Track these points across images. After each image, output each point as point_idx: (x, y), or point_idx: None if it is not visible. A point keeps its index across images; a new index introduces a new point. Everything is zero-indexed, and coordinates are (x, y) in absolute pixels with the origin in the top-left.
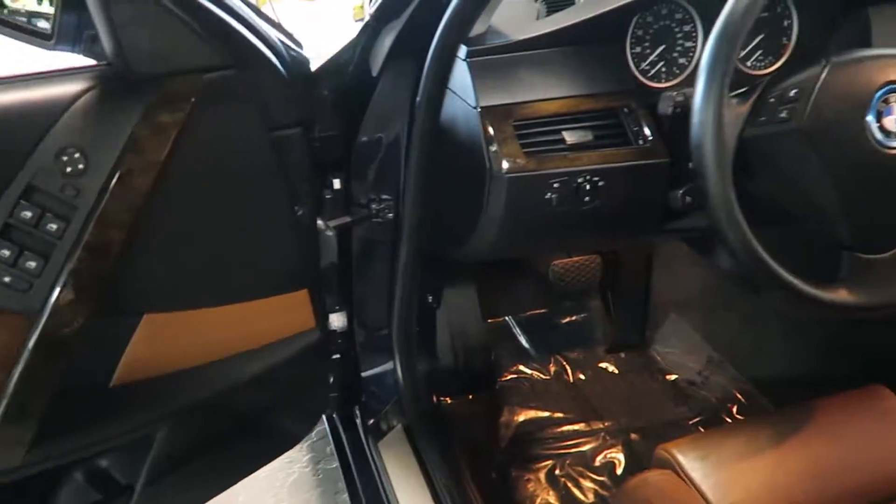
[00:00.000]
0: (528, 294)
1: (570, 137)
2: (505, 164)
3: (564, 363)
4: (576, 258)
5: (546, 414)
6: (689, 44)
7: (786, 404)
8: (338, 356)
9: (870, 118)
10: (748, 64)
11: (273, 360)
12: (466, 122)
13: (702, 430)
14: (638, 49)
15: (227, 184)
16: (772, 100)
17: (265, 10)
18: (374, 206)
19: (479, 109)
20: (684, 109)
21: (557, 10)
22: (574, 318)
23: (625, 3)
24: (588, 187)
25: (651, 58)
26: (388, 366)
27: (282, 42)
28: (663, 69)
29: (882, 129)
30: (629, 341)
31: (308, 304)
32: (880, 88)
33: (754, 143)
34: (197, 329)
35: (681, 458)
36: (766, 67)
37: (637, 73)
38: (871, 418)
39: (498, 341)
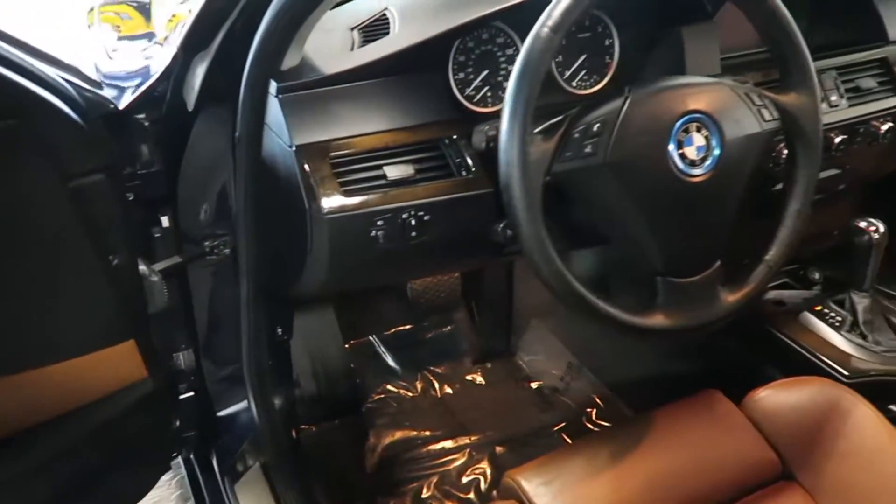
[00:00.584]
0: (391, 312)
1: (391, 172)
2: (324, 205)
3: (432, 378)
4: None
5: (414, 433)
6: (512, 67)
7: (641, 408)
8: (189, 395)
9: (671, 148)
10: (573, 84)
11: (105, 415)
12: (284, 161)
13: (565, 436)
14: (461, 75)
15: (27, 240)
16: (576, 135)
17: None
18: (207, 243)
19: (294, 148)
20: (497, 143)
21: (373, 40)
22: (439, 331)
23: (442, 31)
24: (414, 222)
25: (475, 83)
26: (244, 403)
27: (75, 85)
28: (489, 94)
29: (683, 157)
30: (495, 350)
31: (136, 354)
32: (679, 118)
33: (564, 177)
34: (21, 392)
35: (525, 485)
36: (591, 87)
37: (462, 100)
38: (707, 425)
39: (363, 362)
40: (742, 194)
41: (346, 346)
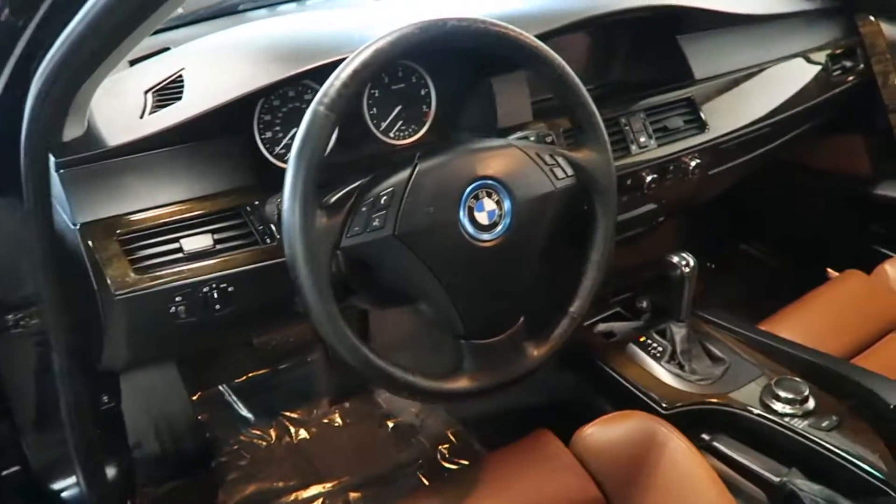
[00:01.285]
0: (242, 358)
1: (188, 245)
2: (113, 285)
3: (287, 423)
4: None
5: (267, 486)
6: None
7: (490, 444)
8: (13, 470)
9: (461, 215)
10: (392, 135)
11: None
12: (71, 239)
13: (421, 476)
14: (268, 134)
15: None
16: (364, 208)
17: None
18: (11, 316)
19: (77, 226)
20: None
21: (169, 104)
22: (295, 373)
23: (242, 94)
24: (216, 295)
25: (284, 141)
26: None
27: None
28: None
29: (475, 223)
30: (352, 389)
31: None
32: (469, 185)
33: (355, 250)
34: None
35: None
36: (410, 136)
37: (273, 159)
38: (538, 466)
39: (213, 414)
40: (539, 253)
41: (194, 397)
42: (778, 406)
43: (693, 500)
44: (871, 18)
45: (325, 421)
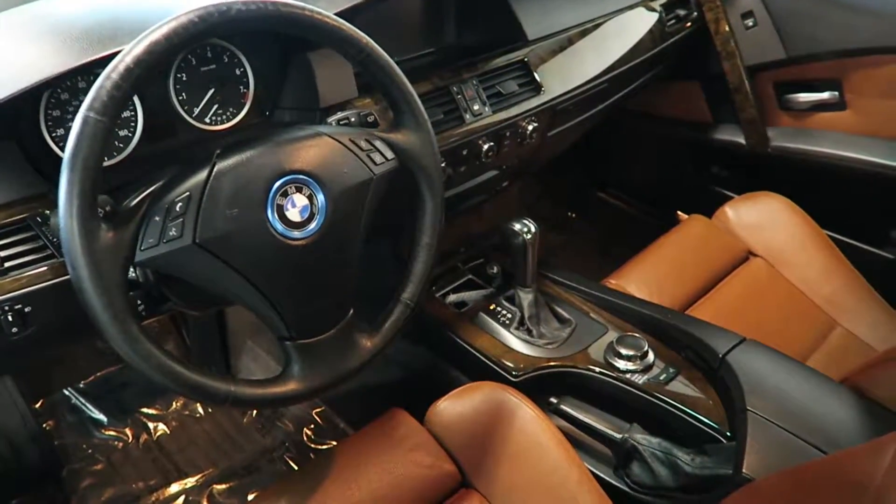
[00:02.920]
0: (87, 358)
1: None
2: None
3: (145, 420)
4: None
5: (125, 488)
6: (127, 113)
7: (354, 421)
8: None
9: (269, 214)
10: (207, 120)
11: None
12: None
13: (288, 458)
14: (60, 131)
15: None
16: (157, 218)
17: None
18: None
19: None
20: None
21: None
22: None
23: (21, 89)
24: (11, 318)
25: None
26: None
27: None
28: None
29: (286, 221)
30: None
31: None
32: (274, 182)
33: (154, 262)
34: None
35: None
36: (230, 119)
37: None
38: (394, 445)
39: (60, 420)
40: (362, 243)
41: (36, 405)
42: (620, 363)
43: (542, 464)
44: None
45: (186, 413)
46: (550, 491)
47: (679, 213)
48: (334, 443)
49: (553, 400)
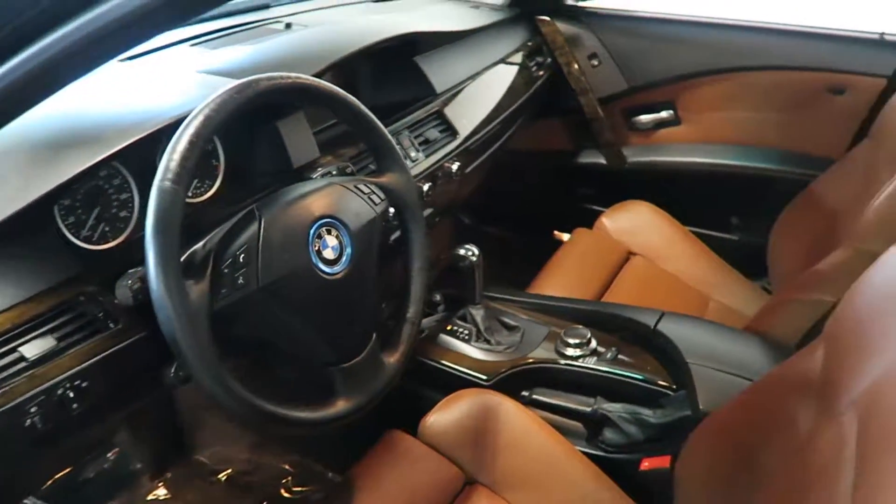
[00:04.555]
0: (36, 463)
1: (29, 351)
2: None
3: None
4: None
5: None
6: (124, 195)
7: (334, 464)
8: None
9: (312, 256)
10: (189, 194)
11: None
12: None
13: None
14: (71, 219)
15: None
16: (226, 270)
17: None
18: None
19: None
20: (145, 294)
21: None
22: (101, 463)
23: (37, 197)
24: (73, 394)
25: (89, 223)
26: None
27: None
28: (107, 229)
29: (324, 260)
30: (169, 458)
31: None
32: (312, 226)
33: (228, 310)
34: None
35: None
36: (206, 192)
37: (80, 243)
38: (399, 464)
39: None
40: (376, 273)
41: None
42: (570, 351)
43: (532, 447)
44: (548, 19)
45: (151, 498)
46: (545, 468)
47: (557, 233)
48: (312, 488)
49: (525, 393)
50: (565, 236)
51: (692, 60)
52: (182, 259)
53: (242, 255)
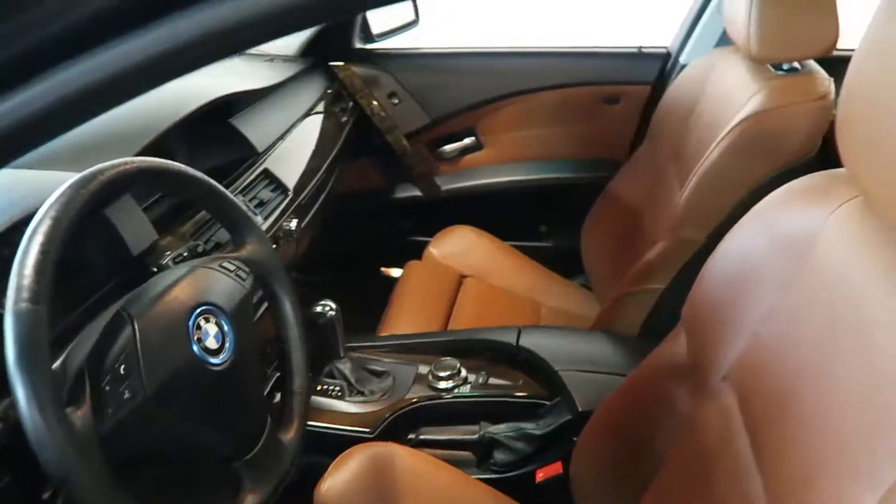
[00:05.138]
0: None
1: None
2: None
3: None
4: None
5: None
6: None
7: None
8: None
9: (196, 350)
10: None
11: None
12: None
13: None
14: None
15: None
16: (107, 387)
17: None
18: None
19: None
20: (16, 437)
21: None
22: None
23: None
24: None
25: None
26: None
27: None
28: None
29: (208, 351)
30: None
31: None
32: (189, 318)
33: (119, 430)
34: None
35: None
36: None
37: None
38: None
39: None
40: (259, 352)
41: None
42: (443, 384)
43: (432, 487)
44: (342, 64)
45: None
46: (450, 502)
47: (384, 269)
48: None
49: (412, 436)
50: (393, 272)
51: (485, 88)
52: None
53: (122, 367)
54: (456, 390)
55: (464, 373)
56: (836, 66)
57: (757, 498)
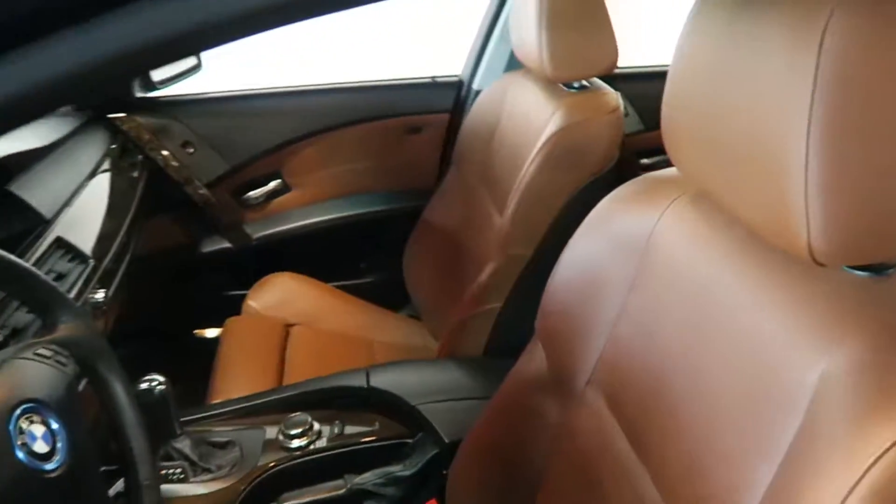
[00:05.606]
0: None
1: None
2: None
3: None
4: None
5: None
6: None
7: None
8: None
9: (21, 456)
10: None
11: None
12: None
13: None
14: None
15: None
16: None
17: None
18: None
19: None
20: None
21: None
22: None
23: None
24: None
25: None
26: None
27: None
28: None
29: (38, 457)
30: None
31: None
32: (8, 422)
33: None
34: None
35: None
36: None
37: None
38: None
39: None
40: (96, 445)
41: None
42: (297, 443)
43: None
44: (125, 115)
45: None
46: None
47: (199, 331)
48: None
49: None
50: (211, 333)
51: (285, 129)
52: None
53: None
54: (311, 447)
55: (316, 426)
56: (616, 82)
57: (647, 492)
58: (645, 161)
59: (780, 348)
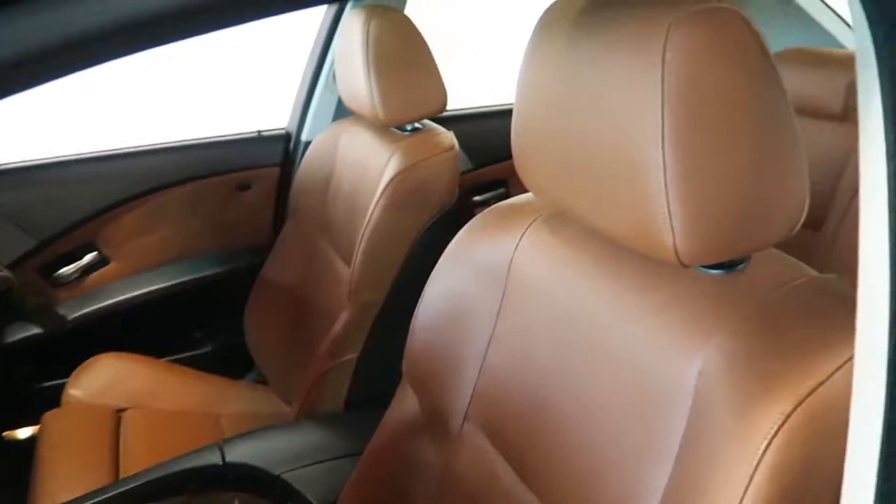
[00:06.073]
0: None
1: None
2: None
3: None
4: None
5: None
6: None
7: None
8: None
9: None
10: None
11: None
12: None
13: None
14: None
15: None
16: None
17: None
18: None
19: None
20: None
21: None
22: None
23: None
24: None
25: None
26: None
27: None
28: None
29: None
30: None
31: None
32: None
33: None
34: None
35: None
36: None
37: None
38: None
39: None
40: None
41: None
42: None
43: None
44: None
45: None
46: None
47: (8, 433)
48: None
49: None
50: (24, 433)
51: (99, 195)
52: None
53: None
54: None
55: None
56: (447, 122)
57: None
58: (477, 198)
59: (655, 351)
